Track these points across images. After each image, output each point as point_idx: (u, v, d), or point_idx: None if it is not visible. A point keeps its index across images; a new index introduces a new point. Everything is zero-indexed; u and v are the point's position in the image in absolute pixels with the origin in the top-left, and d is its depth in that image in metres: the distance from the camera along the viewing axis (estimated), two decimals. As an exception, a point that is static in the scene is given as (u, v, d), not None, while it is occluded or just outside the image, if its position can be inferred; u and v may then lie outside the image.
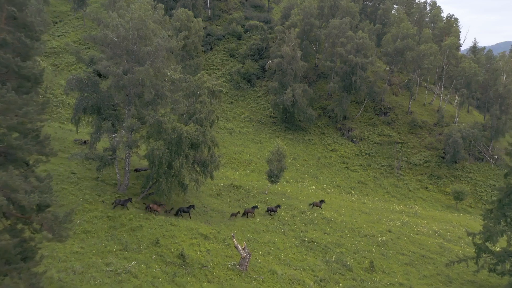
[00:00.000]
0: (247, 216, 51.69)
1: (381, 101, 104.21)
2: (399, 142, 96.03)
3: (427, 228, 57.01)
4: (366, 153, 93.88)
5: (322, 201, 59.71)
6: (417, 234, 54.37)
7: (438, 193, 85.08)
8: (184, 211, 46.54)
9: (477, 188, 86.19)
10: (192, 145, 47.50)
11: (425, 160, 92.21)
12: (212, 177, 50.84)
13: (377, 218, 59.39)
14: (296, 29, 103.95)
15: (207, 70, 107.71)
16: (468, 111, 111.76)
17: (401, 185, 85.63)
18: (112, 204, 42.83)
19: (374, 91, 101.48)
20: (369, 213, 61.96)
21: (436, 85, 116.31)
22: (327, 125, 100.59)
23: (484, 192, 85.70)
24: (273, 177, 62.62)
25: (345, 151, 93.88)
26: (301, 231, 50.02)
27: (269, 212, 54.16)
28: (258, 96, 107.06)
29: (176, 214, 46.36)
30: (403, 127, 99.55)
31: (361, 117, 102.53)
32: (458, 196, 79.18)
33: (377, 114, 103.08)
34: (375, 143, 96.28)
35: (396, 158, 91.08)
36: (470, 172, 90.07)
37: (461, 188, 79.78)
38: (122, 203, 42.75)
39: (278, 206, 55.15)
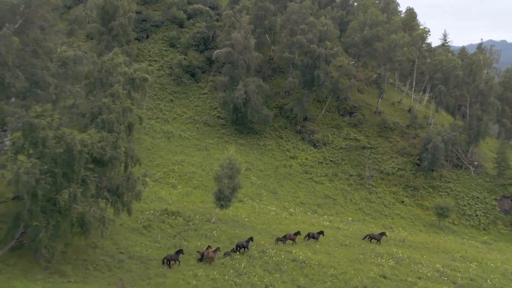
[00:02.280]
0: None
1: (346, 99, 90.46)
2: (368, 147, 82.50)
3: (429, 267, 42.72)
4: (331, 161, 79.48)
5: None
6: (419, 278, 39.90)
7: (416, 208, 72.07)
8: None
9: (459, 201, 74.12)
10: (96, 162, 30.04)
11: (399, 168, 79.19)
12: (129, 212, 33.57)
13: (361, 253, 44.45)
14: (248, 16, 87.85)
15: (142, 61, 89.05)
16: (437, 111, 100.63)
17: (374, 199, 71.81)
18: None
19: (338, 88, 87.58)
20: (350, 246, 46.97)
21: (403, 81, 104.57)
22: (285, 128, 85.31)
23: (467, 205, 73.79)
24: (223, 200, 46.20)
25: (307, 159, 78.96)
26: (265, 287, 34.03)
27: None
28: (204, 93, 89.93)
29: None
30: (372, 129, 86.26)
31: (324, 118, 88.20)
32: (443, 213, 66.42)
33: (342, 115, 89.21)
34: (341, 148, 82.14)
35: (367, 166, 77.32)
36: (449, 182, 78.05)
37: (446, 203, 67.07)
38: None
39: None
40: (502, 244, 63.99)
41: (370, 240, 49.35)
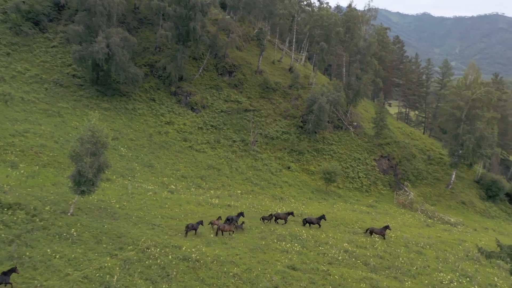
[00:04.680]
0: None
1: (225, 57, 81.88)
2: (251, 110, 75.90)
3: (336, 248, 37.48)
4: (212, 126, 71.07)
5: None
6: (330, 263, 34.27)
7: (302, 174, 68.23)
8: None
9: (342, 163, 72.30)
10: None
11: (283, 132, 74.37)
12: None
13: (262, 237, 37.42)
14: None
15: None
16: (313, 71, 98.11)
17: (261, 166, 65.86)
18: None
19: (216, 44, 78.36)
20: (246, 229, 39.57)
21: (282, 40, 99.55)
22: (158, 89, 73.88)
23: (350, 168, 72.45)
24: (84, 184, 34.68)
25: (185, 124, 69.29)
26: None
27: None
28: (53, 46, 72.94)
29: None
30: (254, 90, 79.61)
31: (202, 78, 78.67)
32: (330, 178, 63.42)
33: (221, 74, 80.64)
34: (221, 111, 74.07)
35: (251, 131, 70.71)
36: (332, 144, 75.91)
37: (333, 168, 64.13)
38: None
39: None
40: (386, 206, 63.55)
41: (371, 234, 42.62)
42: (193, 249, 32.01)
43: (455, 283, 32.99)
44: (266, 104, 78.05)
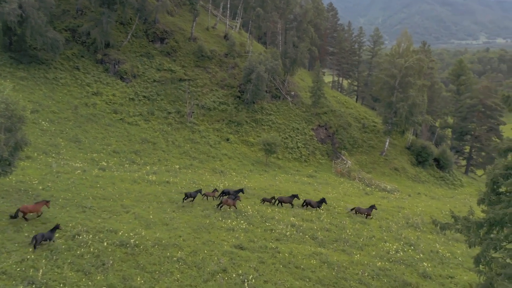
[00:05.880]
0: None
1: (155, 22, 76.41)
2: (186, 79, 71.97)
3: (283, 223, 36.21)
4: (144, 96, 66.48)
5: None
6: (278, 240, 32.92)
7: (242, 145, 66.34)
8: None
9: (281, 134, 71.27)
10: None
11: (221, 102, 71.54)
12: None
13: (205, 215, 35.17)
14: None
15: None
16: (249, 38, 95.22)
17: (199, 139, 62.94)
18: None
19: (145, 8, 72.68)
20: (188, 206, 37.07)
21: (213, 3, 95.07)
22: (82, 56, 67.42)
23: (289, 138, 71.67)
24: (-3, 165, 30.09)
25: (114, 95, 64.10)
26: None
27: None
28: (-45, 6, 63.45)
29: None
30: (188, 58, 75.43)
31: (131, 44, 72.97)
32: (270, 149, 62.12)
33: (152, 41, 75.31)
34: (154, 81, 69.46)
35: (187, 102, 67.06)
36: (271, 114, 74.49)
37: (273, 139, 62.80)
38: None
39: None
40: (325, 176, 63.69)
41: (356, 213, 41.45)
42: (131, 233, 29.03)
43: (401, 253, 33.09)
44: (201, 73, 74.40)
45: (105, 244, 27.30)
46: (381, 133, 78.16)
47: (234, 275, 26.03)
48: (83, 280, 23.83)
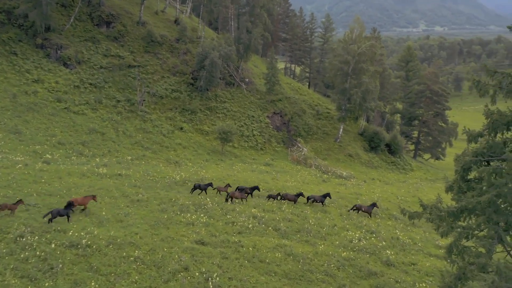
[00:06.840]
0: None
1: (100, 5, 72.02)
2: (135, 66, 68.55)
3: (245, 214, 34.97)
4: (91, 84, 62.59)
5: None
6: (240, 233, 31.68)
7: (196, 134, 64.27)
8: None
9: (236, 121, 69.81)
10: None
11: (173, 90, 68.86)
12: None
13: (162, 210, 33.23)
14: None
15: None
16: (201, 23, 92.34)
17: (151, 128, 60.21)
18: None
19: (89, -10, 68.30)
20: (143, 201, 34.91)
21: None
22: (20, 41, 62.31)
23: (245, 126, 70.33)
24: None
25: (57, 82, 59.82)
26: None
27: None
28: None
29: None
30: (137, 43, 71.87)
31: (74, 28, 68.36)
32: (226, 138, 60.58)
33: (97, 25, 70.95)
34: (101, 67, 65.56)
35: (138, 89, 63.86)
36: (225, 102, 72.73)
37: (228, 127, 61.26)
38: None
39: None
40: (282, 164, 63.06)
41: (358, 212, 39.89)
42: (82, 233, 26.69)
43: (364, 241, 32.83)
44: (152, 59, 71.15)
45: (53, 245, 24.88)
46: (335, 119, 78.54)
47: (197, 273, 24.50)
48: (29, 287, 21.48)
